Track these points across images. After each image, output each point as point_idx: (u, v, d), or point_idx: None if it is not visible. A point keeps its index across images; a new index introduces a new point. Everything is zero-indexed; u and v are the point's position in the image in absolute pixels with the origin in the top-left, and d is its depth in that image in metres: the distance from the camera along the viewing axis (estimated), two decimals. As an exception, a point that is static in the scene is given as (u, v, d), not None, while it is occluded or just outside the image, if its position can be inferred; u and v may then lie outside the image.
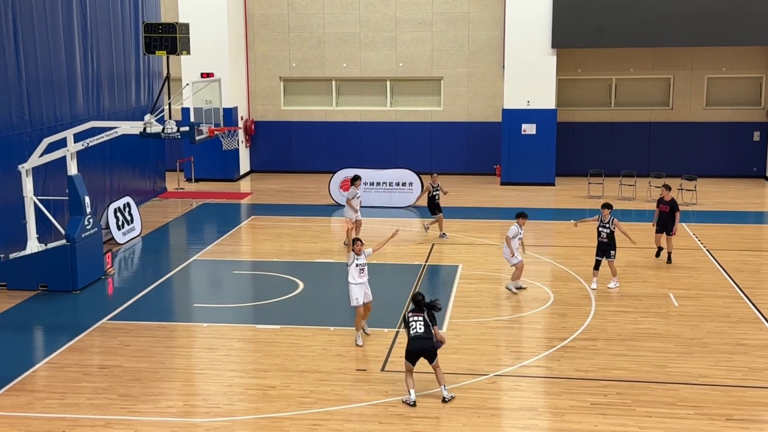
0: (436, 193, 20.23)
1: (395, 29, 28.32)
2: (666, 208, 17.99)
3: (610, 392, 11.58)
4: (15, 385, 11.77)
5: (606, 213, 16.30)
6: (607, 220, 16.28)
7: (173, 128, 15.94)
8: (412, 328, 11.33)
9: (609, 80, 28.31)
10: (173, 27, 16.10)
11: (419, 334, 11.29)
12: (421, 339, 11.28)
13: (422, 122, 28.72)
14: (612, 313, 14.83)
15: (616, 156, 27.79)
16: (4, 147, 16.79)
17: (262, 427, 10.60)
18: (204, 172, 27.40)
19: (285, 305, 15.53)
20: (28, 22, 17.63)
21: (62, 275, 15.95)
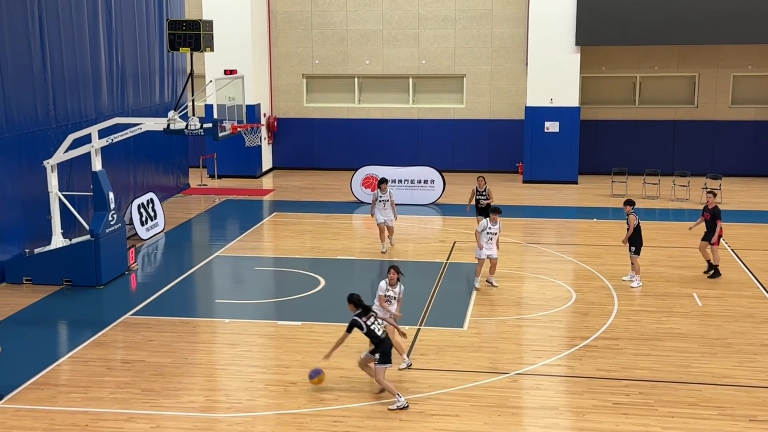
0: (481, 197, 19.13)
1: (418, 26, 28.28)
2: (708, 216, 16.79)
3: (632, 392, 11.51)
4: (39, 379, 11.89)
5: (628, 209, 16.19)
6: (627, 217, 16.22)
7: (196, 125, 16.01)
8: (377, 330, 11.11)
9: (633, 78, 28.11)
10: (197, 24, 16.18)
11: (386, 333, 11.27)
12: (388, 338, 11.27)
13: (444, 120, 28.67)
14: (635, 313, 14.73)
15: (640, 154, 27.59)
16: (30, 143, 16.96)
17: (283, 423, 10.63)
18: (227, 168, 27.51)
19: (306, 302, 15.57)
20: (54, 18, 17.78)
21: (86, 270, 16.08)
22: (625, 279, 16.28)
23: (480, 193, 19.13)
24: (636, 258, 16.14)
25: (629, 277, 16.26)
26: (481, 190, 19.11)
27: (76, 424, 10.54)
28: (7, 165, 16.32)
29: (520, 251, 19.08)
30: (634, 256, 16.13)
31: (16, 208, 16.61)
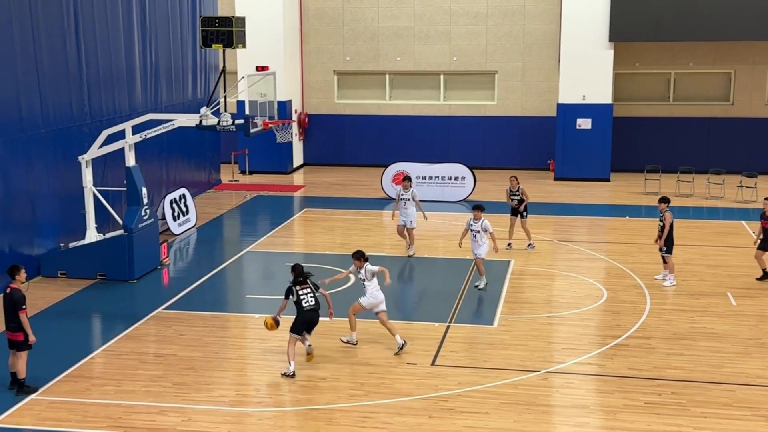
0: (514, 197, 18.62)
1: (449, 23, 28.20)
2: (766, 224, 16.01)
3: (664, 392, 11.40)
4: (73, 372, 12.05)
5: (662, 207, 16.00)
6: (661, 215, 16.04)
7: (228, 121, 16.11)
8: (304, 301, 11.90)
9: (668, 75, 27.81)
10: (230, 21, 16.28)
11: (312, 306, 11.96)
12: (313, 311, 11.99)
13: (475, 116, 28.57)
14: (667, 312, 14.59)
15: (674, 152, 27.29)
16: (65, 138, 17.18)
17: (313, 418, 10.68)
18: (258, 164, 27.66)
19: (336, 298, 15.58)
20: (89, 16, 17.99)
21: (120, 264, 16.26)
22: (657, 278, 16.13)
23: (513, 193, 18.66)
24: (669, 257, 15.96)
25: (662, 275, 16.10)
26: (514, 190, 18.65)
27: (109, 416, 10.67)
28: (42, 160, 16.55)
29: (551, 249, 18.97)
30: (667, 255, 15.95)
31: (51, 202, 16.84)
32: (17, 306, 11.12)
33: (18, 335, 11.23)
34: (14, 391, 11.33)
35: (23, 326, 11.17)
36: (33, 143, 16.22)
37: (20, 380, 11.34)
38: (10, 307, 11.17)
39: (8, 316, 11.25)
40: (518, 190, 18.59)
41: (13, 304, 11.14)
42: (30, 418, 10.61)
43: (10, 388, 11.40)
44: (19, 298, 11.14)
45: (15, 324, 11.20)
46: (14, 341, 11.29)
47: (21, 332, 11.20)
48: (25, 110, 15.99)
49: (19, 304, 11.11)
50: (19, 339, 11.24)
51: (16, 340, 11.27)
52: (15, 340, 11.27)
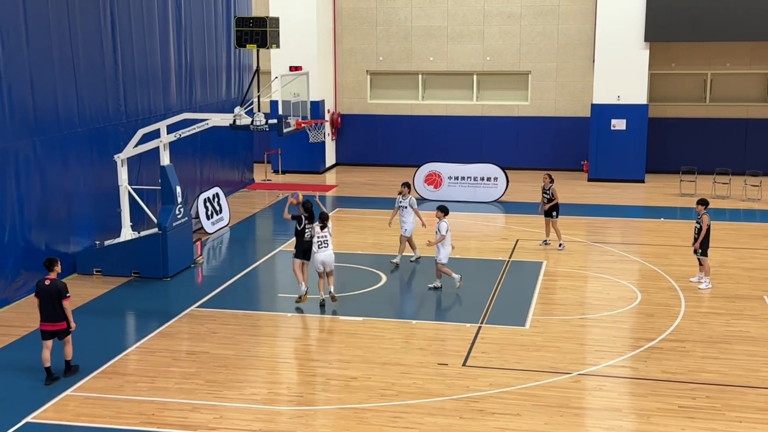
0: (546, 195, 18.49)
1: (483, 23, 28.10)
2: None
3: (698, 395, 11.27)
4: (107, 368, 12.19)
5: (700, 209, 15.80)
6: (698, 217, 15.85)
7: (262, 121, 16.20)
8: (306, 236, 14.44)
9: (704, 75, 27.47)
10: (264, 21, 16.35)
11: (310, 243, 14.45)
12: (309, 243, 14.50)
13: (509, 117, 28.44)
14: (702, 315, 14.42)
15: (710, 153, 26.93)
16: (101, 137, 17.38)
17: (344, 417, 10.70)
18: (291, 164, 27.77)
19: (368, 297, 15.63)
20: (126, 16, 18.19)
21: (154, 263, 16.41)
22: (692, 280, 15.94)
23: (544, 192, 18.55)
24: (705, 259, 15.76)
25: (697, 278, 15.91)
26: (546, 188, 18.51)
27: (142, 413, 10.78)
28: (79, 159, 16.76)
29: (584, 250, 18.83)
30: (703, 257, 15.75)
31: (87, 201, 17.05)
32: (62, 295, 11.53)
33: (61, 324, 11.63)
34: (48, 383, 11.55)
35: (66, 313, 11.59)
36: (70, 142, 16.44)
37: (67, 362, 11.81)
38: (56, 297, 11.53)
39: (50, 306, 11.57)
40: (549, 189, 18.46)
41: (58, 293, 11.53)
42: (65, 414, 10.75)
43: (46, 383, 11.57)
44: (64, 288, 11.60)
45: (59, 313, 11.59)
46: (57, 330, 11.66)
47: (63, 321, 11.62)
48: (62, 109, 16.21)
49: (64, 293, 11.56)
50: (62, 327, 11.67)
51: (59, 329, 11.66)
52: (58, 329, 11.66)
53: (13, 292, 14.85)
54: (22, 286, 15.05)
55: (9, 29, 14.59)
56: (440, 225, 15.42)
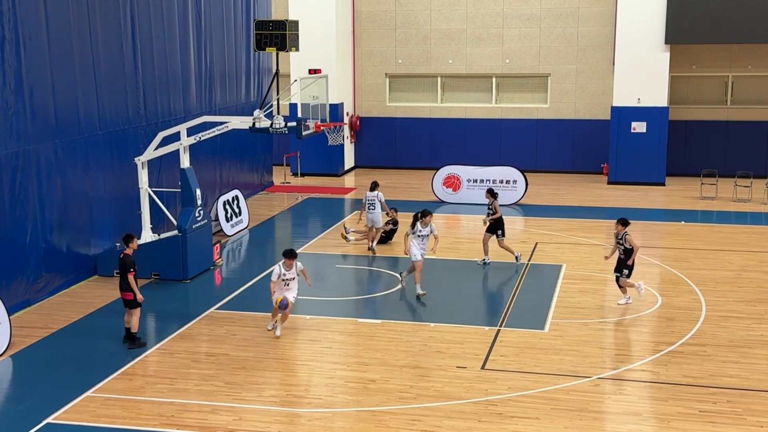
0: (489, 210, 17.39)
1: (502, 25, 28.05)
2: None
3: (719, 400, 11.17)
4: (128, 370, 12.25)
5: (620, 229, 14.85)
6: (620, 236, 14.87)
7: (281, 123, 16.24)
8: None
9: (725, 77, 27.27)
10: (283, 24, 16.41)
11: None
12: None
13: (528, 119, 28.37)
14: (724, 319, 14.30)
15: (732, 156, 26.74)
16: (121, 140, 17.50)
17: (362, 420, 10.70)
18: (310, 166, 27.84)
19: (386, 300, 15.63)
20: (146, 20, 18.31)
21: (174, 265, 16.49)
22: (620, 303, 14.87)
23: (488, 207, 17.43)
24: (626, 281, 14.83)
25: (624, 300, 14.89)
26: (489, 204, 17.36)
27: (162, 414, 10.83)
28: (99, 162, 16.88)
29: (603, 253, 18.72)
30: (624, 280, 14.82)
31: (108, 203, 17.17)
32: (127, 268, 12.84)
33: (128, 294, 12.96)
34: (127, 345, 12.98)
35: (131, 287, 12.89)
36: (90, 145, 16.56)
37: (132, 334, 13.06)
38: (123, 270, 12.93)
39: (122, 277, 13.01)
40: (492, 204, 17.27)
41: (124, 267, 12.86)
42: (86, 415, 10.82)
43: (123, 341, 13.09)
44: (130, 263, 12.89)
45: (126, 284, 12.92)
46: (126, 299, 13.02)
47: (130, 292, 12.91)
48: (83, 113, 16.33)
49: (129, 267, 12.85)
50: (128, 297, 12.96)
51: (126, 299, 13.00)
52: (126, 298, 13.01)
53: (35, 293, 14.98)
54: (44, 288, 15.18)
55: (31, 34, 14.72)
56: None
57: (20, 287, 14.63)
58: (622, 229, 14.84)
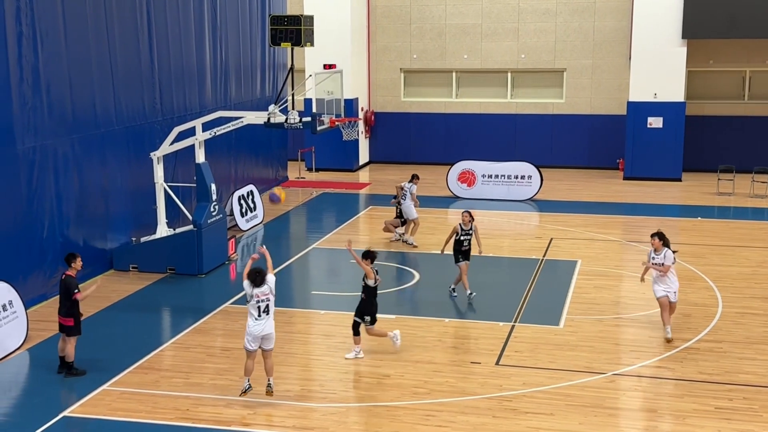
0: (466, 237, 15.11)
1: (518, 20, 27.95)
2: None
3: (735, 396, 11.12)
4: (143, 363, 12.32)
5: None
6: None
7: (296, 118, 16.26)
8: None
9: (742, 72, 27.07)
10: (298, 19, 16.41)
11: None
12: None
13: (543, 115, 28.27)
14: (740, 315, 14.22)
15: (749, 151, 26.53)
16: (137, 135, 17.58)
17: (377, 414, 10.71)
18: (324, 162, 27.86)
19: (401, 295, 15.64)
20: (161, 15, 18.37)
21: (189, 259, 16.56)
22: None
23: (465, 232, 15.03)
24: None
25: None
26: (466, 228, 15.03)
27: (177, 408, 10.88)
28: (116, 156, 16.96)
29: (619, 249, 18.67)
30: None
31: (124, 198, 17.26)
32: (71, 290, 11.68)
33: (68, 320, 11.76)
34: (63, 374, 11.82)
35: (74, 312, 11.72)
36: (107, 140, 16.64)
37: (69, 363, 11.85)
38: (65, 292, 11.75)
39: (61, 301, 11.82)
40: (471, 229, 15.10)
41: (67, 289, 11.72)
42: (102, 408, 10.89)
43: (58, 371, 11.89)
44: (73, 284, 11.74)
45: (66, 309, 11.75)
46: (65, 326, 11.82)
47: (71, 318, 11.75)
48: (100, 108, 16.41)
49: (72, 289, 11.69)
50: (69, 324, 11.78)
51: (66, 325, 11.80)
52: (66, 324, 11.81)
53: (51, 287, 15.07)
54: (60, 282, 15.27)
55: (48, 30, 14.81)
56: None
57: (37, 281, 14.74)
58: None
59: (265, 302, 10.88)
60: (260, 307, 10.86)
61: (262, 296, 10.86)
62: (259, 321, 10.88)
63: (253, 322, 10.88)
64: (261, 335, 10.92)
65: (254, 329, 10.88)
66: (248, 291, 10.89)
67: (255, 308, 10.87)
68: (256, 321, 10.87)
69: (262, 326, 10.89)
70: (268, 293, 10.93)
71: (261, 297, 10.86)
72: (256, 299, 10.85)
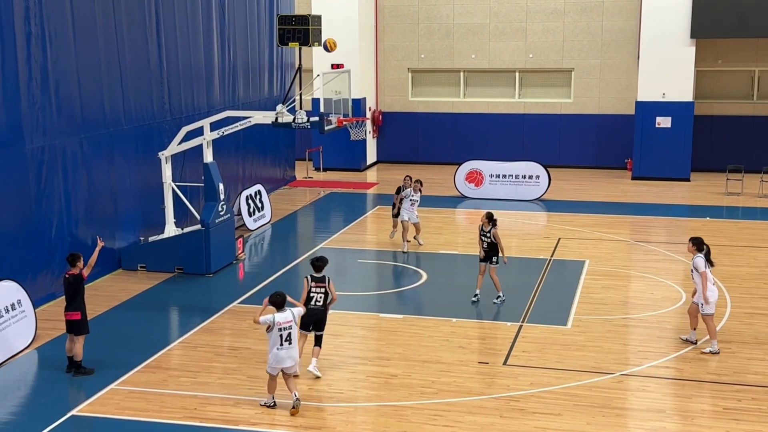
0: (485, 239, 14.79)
1: (526, 20, 27.91)
2: None
3: (744, 397, 11.08)
4: (151, 363, 12.35)
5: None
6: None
7: (303, 118, 16.27)
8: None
9: (751, 72, 26.97)
10: (306, 19, 16.42)
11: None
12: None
13: (551, 114, 28.23)
14: (748, 316, 14.17)
15: (758, 151, 26.43)
16: (146, 135, 17.61)
17: (384, 414, 10.71)
18: (332, 161, 27.87)
19: (408, 295, 15.64)
20: (170, 15, 18.41)
21: (197, 259, 16.58)
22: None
23: (484, 234, 14.73)
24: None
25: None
26: (486, 230, 14.68)
27: (185, 407, 10.90)
28: (124, 156, 17.00)
29: (627, 249, 18.63)
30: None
31: (132, 197, 17.30)
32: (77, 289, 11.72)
33: (75, 314, 11.76)
34: (71, 373, 11.84)
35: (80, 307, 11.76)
36: (115, 140, 16.68)
37: (77, 362, 11.85)
38: (71, 291, 11.77)
39: (67, 299, 11.85)
40: (490, 232, 14.68)
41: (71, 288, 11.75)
42: (110, 407, 10.92)
43: (66, 371, 11.90)
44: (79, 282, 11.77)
45: (73, 306, 11.76)
46: (72, 322, 11.79)
47: (78, 312, 11.76)
48: (108, 108, 16.45)
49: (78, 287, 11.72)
50: (75, 318, 11.76)
51: (73, 320, 11.78)
52: (73, 319, 11.78)
53: (60, 286, 15.05)
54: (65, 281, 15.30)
55: (57, 29, 14.85)
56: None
57: (46, 280, 14.79)
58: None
59: (287, 330, 10.63)
60: (282, 335, 10.61)
61: (284, 323, 10.63)
62: (282, 350, 10.63)
63: (276, 351, 10.64)
64: (282, 366, 10.68)
65: (277, 358, 10.64)
66: (270, 319, 10.64)
67: (278, 336, 10.63)
68: (278, 350, 10.63)
69: (285, 355, 10.64)
70: (291, 320, 10.71)
71: (284, 324, 10.62)
72: (278, 327, 10.61)
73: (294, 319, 10.80)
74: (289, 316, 10.75)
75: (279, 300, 10.79)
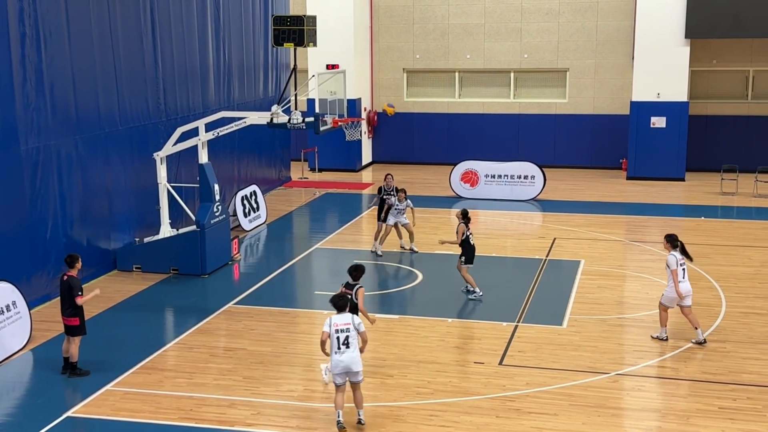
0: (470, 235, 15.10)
1: (521, 20, 27.94)
2: None
3: (739, 396, 11.10)
4: (147, 364, 12.33)
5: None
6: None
7: (299, 119, 16.26)
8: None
9: (746, 72, 27.04)
10: (301, 19, 16.42)
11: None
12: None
13: (546, 114, 28.26)
14: (744, 315, 14.20)
15: (752, 151, 26.51)
16: (141, 135, 17.59)
17: (380, 415, 10.71)
18: (327, 162, 27.87)
19: (404, 295, 15.64)
20: (165, 15, 18.39)
21: (192, 260, 16.56)
22: None
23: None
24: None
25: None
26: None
27: (181, 408, 10.89)
28: (119, 157, 16.98)
29: (622, 249, 18.65)
30: None
31: (127, 198, 17.27)
32: (74, 292, 11.67)
33: (74, 320, 11.77)
34: (67, 374, 11.83)
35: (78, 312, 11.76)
36: (110, 140, 16.66)
37: (73, 363, 11.86)
38: (67, 294, 11.74)
39: (64, 302, 11.81)
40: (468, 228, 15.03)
41: (70, 290, 11.71)
42: (105, 408, 10.90)
43: (62, 372, 11.89)
44: (76, 285, 11.72)
45: (70, 310, 11.74)
46: (70, 326, 11.81)
47: (76, 318, 11.76)
48: (103, 108, 16.43)
49: (76, 290, 11.67)
50: (74, 323, 11.78)
51: (71, 325, 11.80)
52: (71, 325, 11.80)
53: (55, 287, 15.05)
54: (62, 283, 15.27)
55: (51, 29, 14.82)
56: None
57: (41, 281, 14.76)
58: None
59: (345, 333, 10.09)
60: (339, 338, 10.09)
61: (342, 325, 10.12)
62: (338, 354, 10.08)
63: (333, 356, 10.11)
64: (344, 371, 10.13)
65: (336, 363, 10.12)
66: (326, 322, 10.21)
67: (335, 339, 10.10)
68: (336, 354, 10.09)
69: (343, 359, 10.08)
70: (348, 323, 10.17)
71: (341, 326, 10.11)
72: (336, 328, 10.09)
73: (353, 323, 10.24)
74: (347, 319, 10.25)
75: (340, 302, 10.42)
